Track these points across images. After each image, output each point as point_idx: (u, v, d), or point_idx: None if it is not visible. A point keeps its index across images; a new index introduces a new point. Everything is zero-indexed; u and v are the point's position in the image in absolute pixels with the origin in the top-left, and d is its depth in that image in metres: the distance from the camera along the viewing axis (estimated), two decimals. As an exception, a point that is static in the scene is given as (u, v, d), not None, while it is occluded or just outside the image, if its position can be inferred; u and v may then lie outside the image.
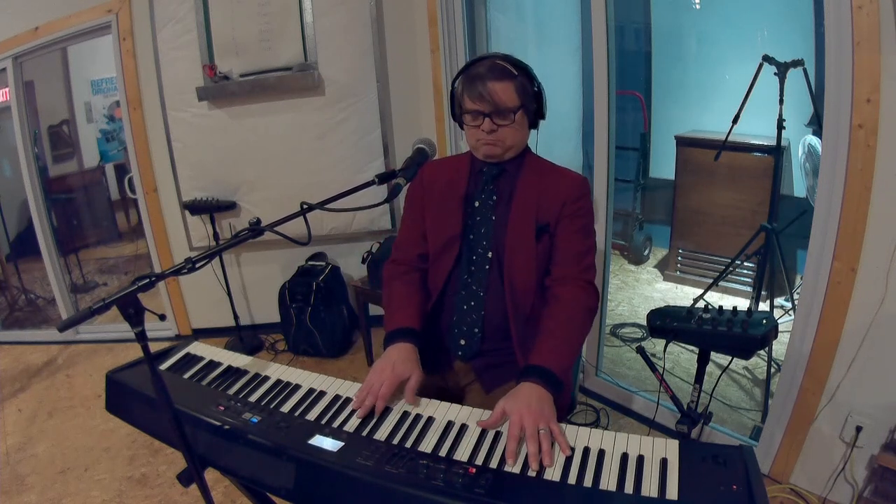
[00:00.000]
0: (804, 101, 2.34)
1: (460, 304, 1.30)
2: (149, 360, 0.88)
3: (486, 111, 1.19)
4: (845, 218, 1.51)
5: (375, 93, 2.78)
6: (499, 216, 1.28)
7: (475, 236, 1.29)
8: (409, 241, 1.40)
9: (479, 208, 1.30)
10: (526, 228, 1.25)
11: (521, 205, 1.27)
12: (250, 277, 3.21)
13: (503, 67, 1.20)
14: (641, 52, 3.52)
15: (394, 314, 1.28)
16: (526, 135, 1.29)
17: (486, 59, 1.23)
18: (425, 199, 1.36)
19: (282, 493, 0.95)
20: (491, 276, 1.28)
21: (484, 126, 1.20)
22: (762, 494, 0.79)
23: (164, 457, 2.21)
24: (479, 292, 1.28)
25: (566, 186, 1.27)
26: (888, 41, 1.36)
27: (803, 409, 1.71)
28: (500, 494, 0.82)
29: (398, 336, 1.21)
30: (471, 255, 1.29)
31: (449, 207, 1.32)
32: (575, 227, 1.26)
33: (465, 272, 1.30)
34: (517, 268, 1.26)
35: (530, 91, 1.23)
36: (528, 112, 1.25)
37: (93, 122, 4.89)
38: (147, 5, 2.71)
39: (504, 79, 1.19)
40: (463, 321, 1.30)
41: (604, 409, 2.34)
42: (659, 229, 3.73)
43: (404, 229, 1.42)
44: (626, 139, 3.58)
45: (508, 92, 1.19)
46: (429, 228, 1.35)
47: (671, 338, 1.34)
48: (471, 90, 1.20)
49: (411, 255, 1.39)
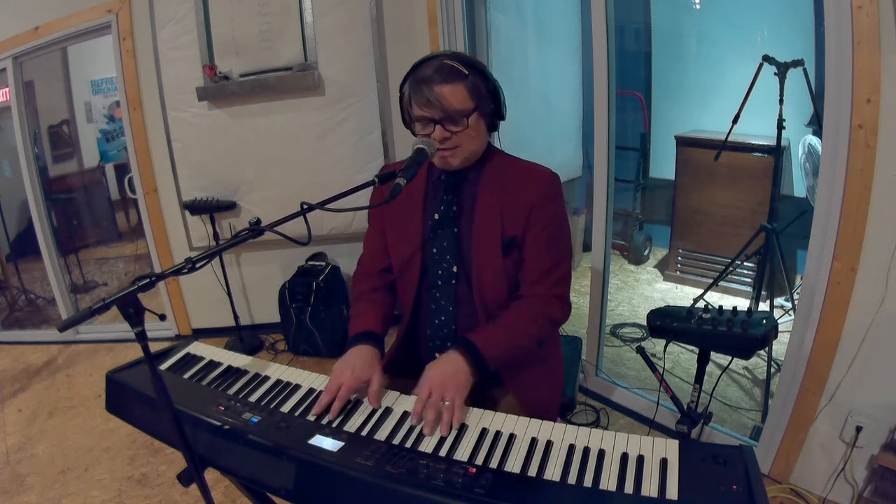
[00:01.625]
0: (804, 101, 2.34)
1: (432, 318, 1.28)
2: (149, 360, 0.88)
3: (437, 117, 1.10)
4: (845, 218, 1.51)
5: (375, 93, 2.78)
6: (462, 228, 1.22)
7: (438, 250, 1.23)
8: (371, 255, 1.36)
9: (439, 220, 1.23)
10: (492, 242, 1.19)
11: (484, 216, 1.19)
12: (250, 277, 3.21)
13: (451, 67, 1.10)
14: (641, 52, 3.52)
15: (356, 320, 1.27)
16: (484, 139, 1.20)
17: (433, 59, 1.13)
18: (384, 211, 1.28)
19: (282, 493, 0.95)
20: (459, 289, 1.24)
21: (435, 134, 1.11)
22: (762, 494, 0.79)
23: (164, 457, 2.21)
24: (448, 307, 1.25)
25: (532, 190, 1.18)
26: (888, 41, 1.36)
27: (803, 409, 1.71)
28: (500, 494, 0.82)
29: (359, 339, 1.20)
30: (436, 269, 1.25)
31: (408, 220, 1.25)
32: (542, 240, 1.19)
33: (433, 287, 1.26)
34: (486, 282, 1.21)
35: (485, 91, 1.14)
36: (485, 114, 1.16)
37: (93, 122, 4.88)
38: (147, 5, 2.71)
39: (453, 80, 1.09)
40: (436, 335, 1.28)
41: (604, 409, 2.34)
42: (659, 229, 3.73)
43: (368, 241, 1.38)
44: (626, 139, 3.58)
45: (459, 94, 1.09)
46: (390, 242, 1.31)
47: (671, 338, 1.34)
48: (418, 95, 1.11)
49: (375, 269, 1.35)
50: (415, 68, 1.16)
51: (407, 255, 1.27)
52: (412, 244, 1.26)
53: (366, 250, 1.39)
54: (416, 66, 1.16)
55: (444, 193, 1.24)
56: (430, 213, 1.25)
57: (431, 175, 1.27)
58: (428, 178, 1.27)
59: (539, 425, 0.99)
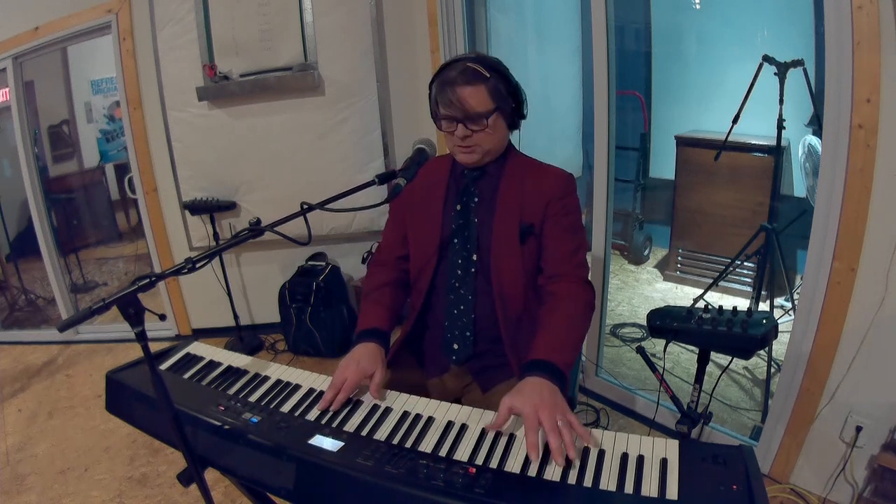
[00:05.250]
0: (804, 101, 2.34)
1: (450, 308, 1.29)
2: (149, 360, 0.88)
3: (459, 117, 1.16)
4: (845, 218, 1.51)
5: (375, 93, 2.78)
6: (482, 219, 1.26)
7: (459, 240, 1.27)
8: (389, 244, 1.40)
9: (461, 212, 1.27)
10: (510, 231, 1.23)
11: (504, 207, 1.24)
12: (250, 277, 3.21)
13: (474, 70, 1.15)
14: (641, 52, 3.52)
15: (364, 316, 1.29)
16: (504, 137, 1.26)
17: (458, 61, 1.18)
18: (407, 202, 1.33)
19: (282, 493, 0.95)
20: (478, 279, 1.27)
21: (458, 132, 1.17)
22: (762, 494, 0.79)
23: (164, 457, 2.21)
24: (467, 296, 1.27)
25: (550, 185, 1.24)
26: (888, 41, 1.36)
27: (803, 409, 1.71)
28: (500, 494, 0.82)
29: (365, 336, 1.23)
30: (455, 259, 1.28)
31: (430, 211, 1.30)
32: (563, 225, 1.23)
33: (451, 277, 1.28)
34: (504, 271, 1.24)
35: (505, 92, 1.19)
36: (505, 113, 1.21)
37: (93, 122, 4.88)
38: (147, 5, 2.71)
39: (475, 82, 1.15)
40: (454, 326, 1.29)
41: (604, 409, 2.34)
42: (659, 229, 3.73)
43: (387, 231, 1.42)
44: (626, 139, 3.58)
45: (480, 96, 1.15)
46: (411, 232, 1.34)
47: (671, 338, 1.34)
48: (442, 96, 1.17)
49: (392, 258, 1.39)
50: (441, 69, 1.20)
51: (427, 245, 1.30)
52: (434, 235, 1.29)
53: (384, 239, 1.43)
54: (442, 67, 1.21)
55: (466, 186, 1.28)
56: (451, 205, 1.29)
57: (455, 169, 1.31)
58: (451, 172, 1.31)
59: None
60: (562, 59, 3.55)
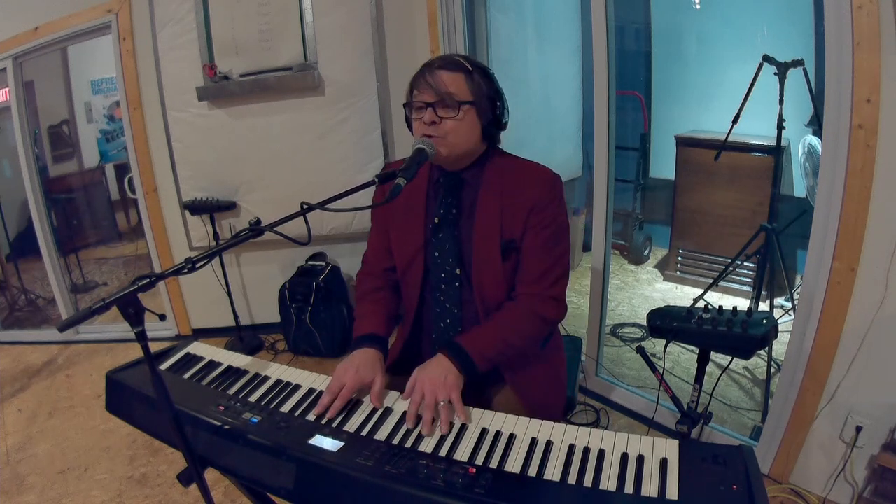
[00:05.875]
0: (804, 101, 2.34)
1: (437, 321, 1.29)
2: (149, 360, 0.88)
3: (431, 100, 1.12)
4: (845, 218, 1.51)
5: (375, 93, 2.78)
6: (462, 231, 1.22)
7: (440, 253, 1.24)
8: (375, 255, 1.37)
9: (440, 224, 1.23)
10: (491, 246, 1.19)
11: (484, 219, 1.20)
12: (250, 277, 3.21)
13: (457, 60, 1.14)
14: (641, 52, 3.52)
15: (361, 322, 1.27)
16: (475, 139, 1.18)
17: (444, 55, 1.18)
18: (387, 212, 1.30)
19: (282, 493, 0.95)
20: (463, 292, 1.25)
21: (425, 118, 1.12)
22: (762, 494, 0.79)
23: (164, 457, 2.21)
24: (453, 310, 1.27)
25: (532, 191, 1.17)
26: (888, 41, 1.36)
27: (803, 409, 1.71)
28: (500, 494, 0.82)
29: (363, 342, 1.21)
30: (438, 272, 1.25)
31: (410, 222, 1.26)
32: (542, 238, 1.18)
33: (436, 290, 1.27)
34: (487, 285, 1.22)
35: (486, 92, 1.15)
36: (481, 112, 1.15)
37: (93, 122, 4.88)
38: (147, 5, 2.71)
39: (456, 70, 1.12)
40: (442, 338, 1.29)
41: (604, 409, 2.34)
42: (659, 229, 3.73)
43: (371, 241, 1.39)
44: (626, 139, 3.58)
45: (458, 83, 1.12)
46: (393, 243, 1.31)
47: (671, 338, 1.34)
48: (418, 81, 1.14)
49: (379, 269, 1.37)
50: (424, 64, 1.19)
51: (409, 258, 1.27)
52: (414, 246, 1.26)
53: (369, 249, 1.40)
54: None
55: (443, 196, 1.24)
56: (430, 216, 1.26)
57: (432, 177, 1.27)
58: (429, 181, 1.27)
59: (539, 425, 0.99)
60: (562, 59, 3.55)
